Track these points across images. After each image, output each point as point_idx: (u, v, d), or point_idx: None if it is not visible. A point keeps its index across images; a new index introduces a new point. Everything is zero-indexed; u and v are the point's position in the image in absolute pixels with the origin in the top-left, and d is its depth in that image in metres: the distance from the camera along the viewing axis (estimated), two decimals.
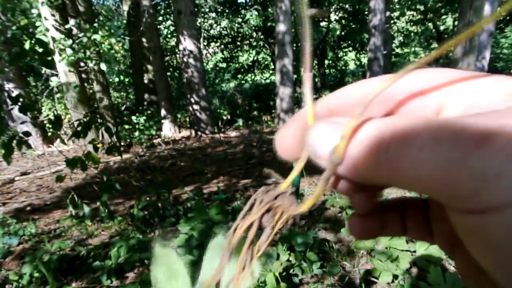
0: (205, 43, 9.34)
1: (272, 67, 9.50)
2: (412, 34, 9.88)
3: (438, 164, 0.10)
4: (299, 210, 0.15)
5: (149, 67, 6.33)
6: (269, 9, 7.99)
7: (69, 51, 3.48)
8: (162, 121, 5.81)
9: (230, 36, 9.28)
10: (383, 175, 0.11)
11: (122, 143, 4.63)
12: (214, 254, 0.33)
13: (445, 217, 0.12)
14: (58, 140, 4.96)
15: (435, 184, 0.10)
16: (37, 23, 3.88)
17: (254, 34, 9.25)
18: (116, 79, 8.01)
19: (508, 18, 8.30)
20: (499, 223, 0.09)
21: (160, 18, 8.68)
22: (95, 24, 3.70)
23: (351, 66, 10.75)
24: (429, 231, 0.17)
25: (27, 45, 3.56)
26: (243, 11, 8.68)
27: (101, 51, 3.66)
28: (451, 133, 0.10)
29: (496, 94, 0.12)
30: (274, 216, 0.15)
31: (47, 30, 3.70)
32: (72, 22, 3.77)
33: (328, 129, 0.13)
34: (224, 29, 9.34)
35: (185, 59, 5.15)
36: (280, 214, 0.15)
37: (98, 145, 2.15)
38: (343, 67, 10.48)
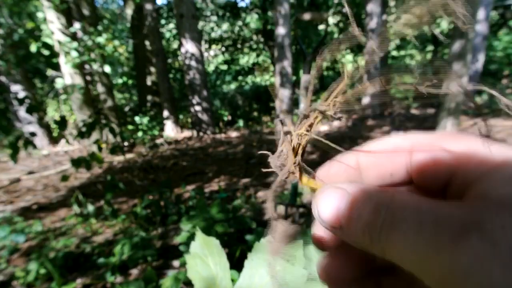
0: (206, 46, 9.44)
1: (272, 69, 9.55)
2: (408, 37, 10.19)
3: (418, 251, 0.10)
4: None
5: (152, 69, 6.41)
6: (269, 13, 8.06)
7: (74, 53, 3.55)
8: (165, 121, 5.86)
9: (231, 39, 9.36)
10: (375, 249, 0.12)
11: (125, 143, 4.69)
12: (256, 258, 0.33)
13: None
14: (63, 140, 5.03)
15: (416, 269, 0.11)
16: (43, 26, 3.96)
17: (254, 37, 9.33)
18: (120, 81, 8.11)
19: (501, 22, 8.34)
20: None
21: (163, 22, 8.78)
22: (99, 27, 3.77)
23: (349, 68, 10.97)
24: None
25: (33, 48, 3.64)
26: (243, 15, 8.77)
27: (105, 53, 3.72)
28: (434, 220, 0.10)
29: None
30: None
31: (53, 33, 3.78)
32: (77, 25, 3.85)
33: (332, 196, 0.15)
34: (225, 32, 9.44)
35: (187, 62, 5.21)
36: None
37: (102, 145, 2.20)
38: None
